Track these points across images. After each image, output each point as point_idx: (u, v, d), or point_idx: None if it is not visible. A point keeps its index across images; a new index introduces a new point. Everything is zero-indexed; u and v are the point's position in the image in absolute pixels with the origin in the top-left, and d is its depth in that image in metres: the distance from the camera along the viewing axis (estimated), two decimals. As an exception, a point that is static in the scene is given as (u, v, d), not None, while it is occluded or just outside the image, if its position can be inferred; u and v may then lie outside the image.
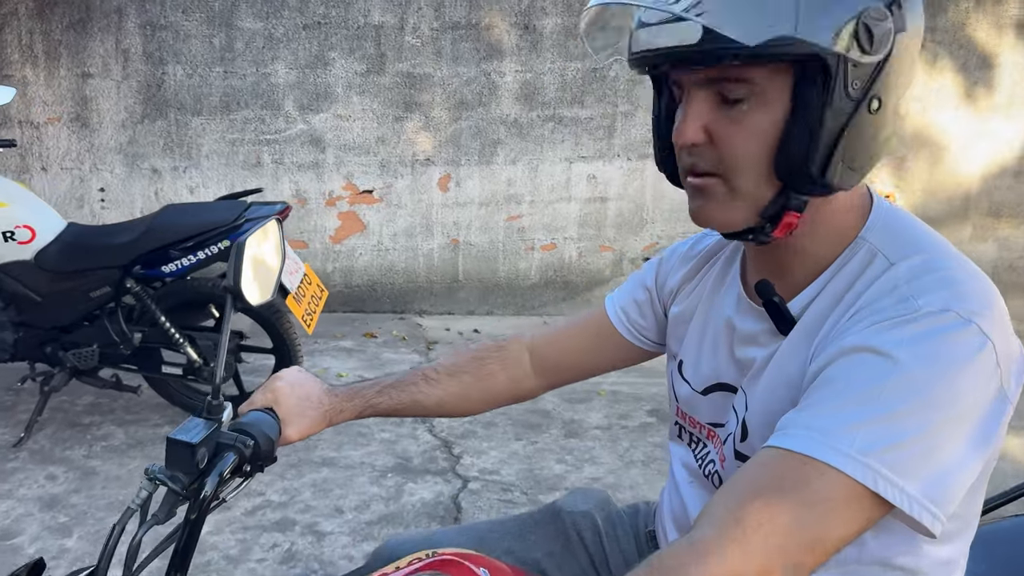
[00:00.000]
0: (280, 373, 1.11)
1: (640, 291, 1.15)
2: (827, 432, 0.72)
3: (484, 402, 1.19)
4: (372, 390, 1.14)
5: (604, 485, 2.96)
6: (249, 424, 1.01)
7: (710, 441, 1.01)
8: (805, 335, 0.85)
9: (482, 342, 1.24)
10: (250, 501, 2.82)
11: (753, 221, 0.83)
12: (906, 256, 0.81)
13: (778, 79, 0.77)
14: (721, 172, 0.81)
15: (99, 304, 3.18)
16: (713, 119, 0.80)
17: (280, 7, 4.54)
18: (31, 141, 4.57)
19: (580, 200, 5.01)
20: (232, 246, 0.99)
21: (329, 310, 4.77)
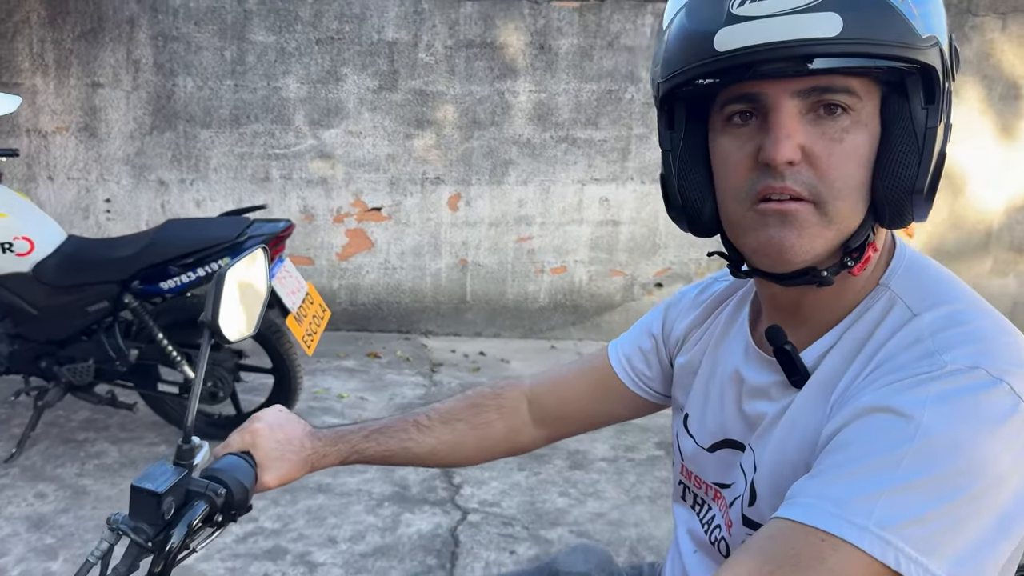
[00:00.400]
0: (260, 413, 1.04)
1: (645, 339, 1.07)
2: (842, 503, 0.64)
3: (480, 452, 1.11)
4: (359, 435, 1.06)
5: (608, 521, 2.86)
6: (222, 470, 0.94)
7: (715, 503, 0.92)
8: (821, 390, 0.77)
9: (479, 388, 1.16)
10: (242, 528, 2.73)
11: (834, 255, 0.75)
12: (931, 306, 0.74)
13: (874, 96, 0.72)
14: (815, 196, 0.72)
15: (96, 319, 3.11)
16: (810, 136, 0.71)
17: (293, 21, 4.50)
18: (38, 150, 4.54)
19: (592, 223, 4.93)
20: (213, 277, 0.92)
21: (333, 328, 4.70)
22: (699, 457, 0.95)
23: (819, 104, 0.71)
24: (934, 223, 5.05)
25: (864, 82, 0.70)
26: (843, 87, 0.70)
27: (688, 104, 0.80)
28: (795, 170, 0.71)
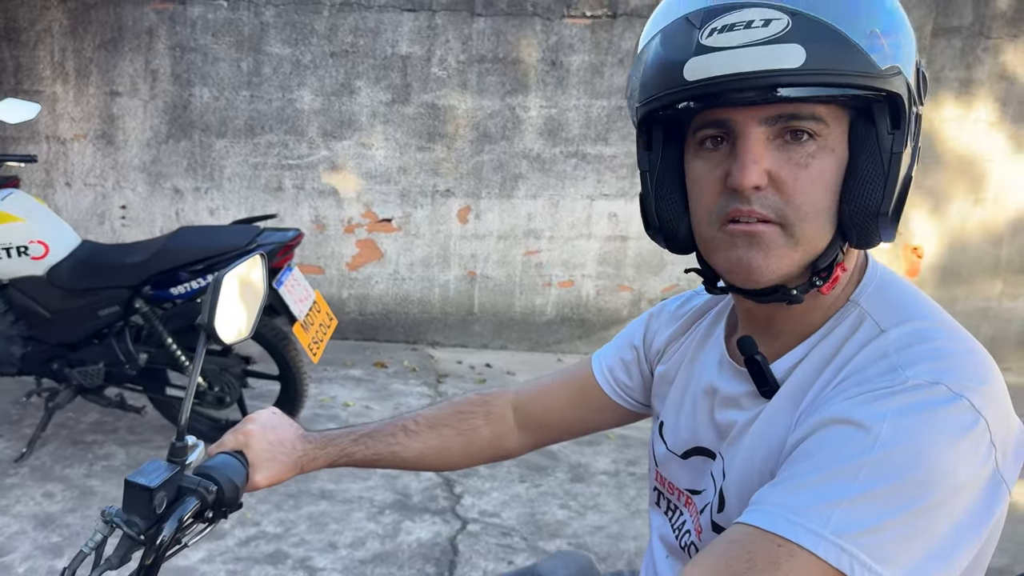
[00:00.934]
0: (254, 415, 1.06)
1: (627, 350, 1.10)
2: (800, 511, 0.66)
3: (465, 457, 1.14)
4: (348, 438, 1.09)
5: (607, 535, 2.87)
6: (214, 468, 0.96)
7: (687, 509, 0.95)
8: (788, 401, 0.80)
9: (466, 394, 1.19)
10: (244, 531, 2.76)
11: (803, 274, 0.78)
12: (898, 323, 0.76)
13: (841, 122, 0.74)
14: (781, 219, 0.75)
15: (107, 323, 3.17)
16: (776, 161, 0.74)
17: (309, 34, 4.57)
18: (57, 156, 4.63)
19: (600, 238, 4.96)
20: (211, 280, 0.95)
21: (341, 337, 4.75)
22: (672, 463, 0.97)
23: (786, 130, 0.73)
24: (942, 243, 5.05)
25: (831, 109, 0.73)
26: (809, 114, 0.72)
27: (665, 127, 0.83)
28: (762, 194, 0.74)
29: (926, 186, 4.95)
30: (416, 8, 4.59)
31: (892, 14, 0.74)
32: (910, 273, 5.07)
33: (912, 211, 4.99)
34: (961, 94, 4.85)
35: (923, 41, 4.73)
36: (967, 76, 4.81)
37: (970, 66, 4.81)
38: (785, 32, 0.69)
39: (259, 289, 1.07)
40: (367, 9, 4.57)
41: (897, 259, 5.05)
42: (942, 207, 5.01)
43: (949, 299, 5.03)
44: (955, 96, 4.84)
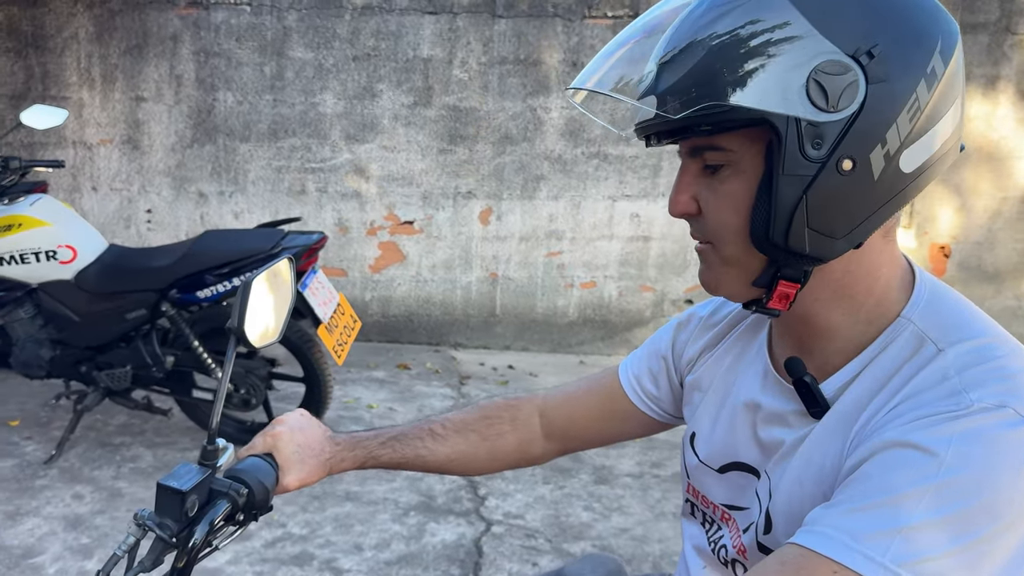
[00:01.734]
0: (283, 417, 1.06)
1: (655, 360, 1.08)
2: (859, 536, 0.65)
3: (492, 462, 1.14)
4: (375, 441, 1.09)
5: (632, 537, 2.86)
6: (244, 471, 0.97)
7: (725, 524, 0.93)
8: (841, 423, 0.77)
9: (493, 399, 1.18)
10: (271, 532, 2.78)
11: (749, 291, 0.80)
12: (956, 341, 0.74)
13: (754, 145, 0.73)
14: (710, 240, 0.80)
15: (135, 326, 3.20)
16: (699, 188, 0.79)
17: (331, 38, 4.60)
18: (83, 161, 4.68)
19: (622, 239, 4.94)
20: (239, 285, 0.96)
21: (364, 339, 4.77)
22: (706, 477, 0.95)
23: (704, 161, 0.78)
24: (970, 242, 4.98)
25: (736, 135, 0.73)
26: (709, 145, 0.75)
27: None
28: (696, 219, 0.81)
29: (952, 183, 4.89)
30: (437, 11, 4.60)
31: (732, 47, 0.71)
32: (936, 272, 5.01)
33: (939, 208, 4.93)
34: (988, 91, 4.78)
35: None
36: (994, 72, 4.75)
37: (997, 62, 4.74)
38: (649, 84, 0.76)
39: (287, 292, 1.07)
40: (388, 12, 4.59)
41: (924, 258, 4.99)
42: (969, 204, 4.94)
43: (978, 298, 4.93)
44: (982, 93, 4.78)
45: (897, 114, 0.70)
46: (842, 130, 0.69)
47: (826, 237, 0.72)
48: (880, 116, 0.69)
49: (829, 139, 0.69)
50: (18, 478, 3.10)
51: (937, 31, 0.72)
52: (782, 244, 0.73)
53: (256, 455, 1.01)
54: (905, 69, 0.70)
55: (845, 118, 0.69)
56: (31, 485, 3.04)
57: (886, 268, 0.79)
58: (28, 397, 3.84)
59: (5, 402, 3.81)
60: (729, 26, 0.71)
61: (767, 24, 0.70)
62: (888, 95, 0.69)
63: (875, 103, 0.69)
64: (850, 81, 0.68)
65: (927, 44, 0.71)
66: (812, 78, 0.68)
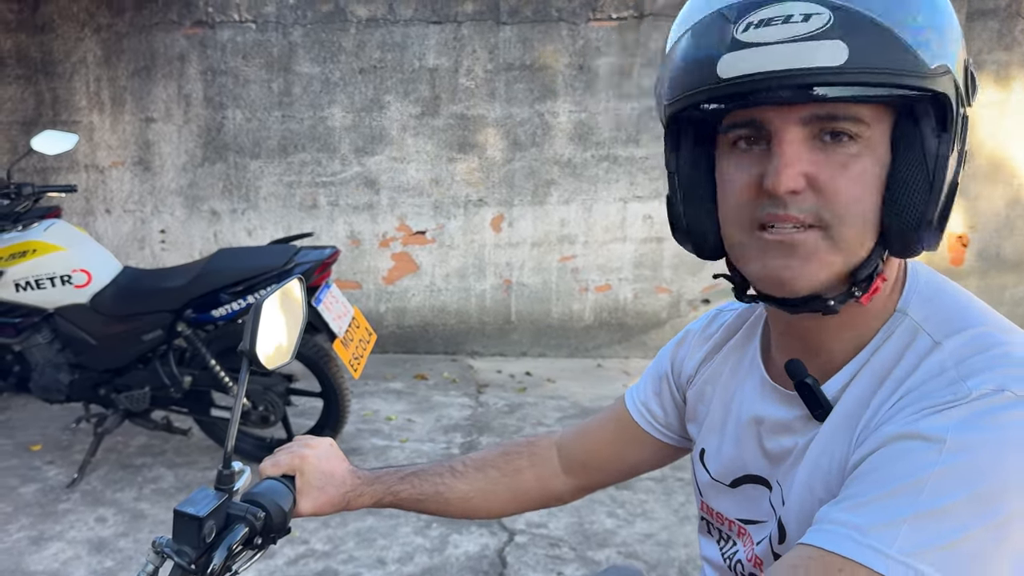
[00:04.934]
0: (310, 440, 1.05)
1: (657, 382, 1.05)
2: (866, 529, 0.63)
3: (512, 502, 1.11)
4: (394, 476, 1.08)
5: (657, 543, 2.83)
6: (261, 494, 0.96)
7: (739, 539, 0.91)
8: (844, 422, 0.76)
9: (514, 439, 1.19)
10: (293, 549, 2.77)
11: (840, 284, 0.73)
12: (952, 332, 0.73)
13: (883, 122, 0.70)
14: (821, 223, 0.71)
15: (151, 347, 3.21)
16: (814, 163, 0.70)
17: (337, 52, 4.61)
18: (96, 184, 4.71)
19: (635, 240, 4.92)
20: (250, 307, 0.95)
21: (381, 351, 4.77)
22: (719, 493, 0.93)
23: (824, 131, 0.70)
24: (987, 230, 4.92)
25: (873, 108, 0.69)
26: (848, 115, 0.69)
27: (694, 126, 0.78)
28: (799, 198, 0.70)
29: (968, 172, 4.83)
30: (442, 20, 4.60)
31: (940, 9, 0.70)
32: (954, 262, 4.95)
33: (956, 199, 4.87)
34: (1000, 77, 4.73)
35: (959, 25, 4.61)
36: (1006, 59, 4.69)
37: (1008, 48, 4.69)
38: (826, 28, 0.65)
39: (298, 312, 1.06)
40: (393, 24, 4.60)
41: (941, 248, 4.93)
42: (986, 193, 4.88)
43: (997, 287, 4.89)
44: (994, 79, 4.72)
45: None
46: (965, 124, 0.71)
47: None
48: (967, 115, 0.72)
49: (961, 130, 0.71)
50: (41, 503, 3.11)
51: None
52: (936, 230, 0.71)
53: (274, 478, 1.00)
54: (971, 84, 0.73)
55: (965, 115, 0.71)
56: (54, 509, 3.05)
57: (894, 263, 0.78)
58: (49, 421, 3.86)
59: (27, 427, 3.83)
60: None
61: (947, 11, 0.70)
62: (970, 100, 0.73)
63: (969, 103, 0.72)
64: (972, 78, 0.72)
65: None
66: (969, 69, 0.70)
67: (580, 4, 4.62)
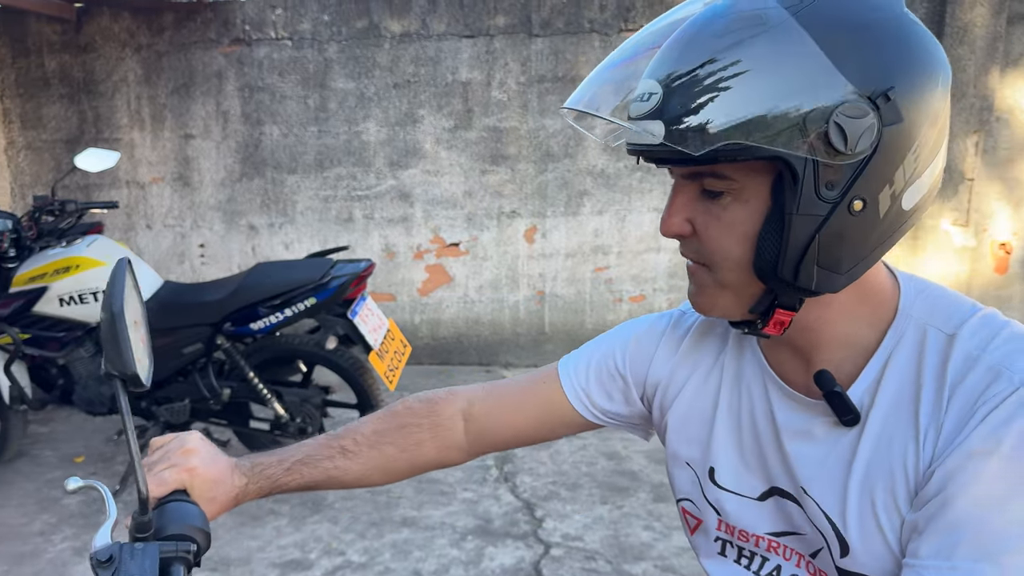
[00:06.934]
0: (190, 445, 0.96)
1: (605, 374, 1.02)
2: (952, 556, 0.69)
3: (408, 472, 1.09)
4: (280, 468, 1.02)
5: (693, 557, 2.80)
6: (182, 523, 0.87)
7: (774, 554, 0.89)
8: (894, 426, 0.77)
9: (408, 401, 1.10)
10: (330, 561, 2.79)
11: (744, 315, 0.80)
12: (960, 323, 0.77)
13: (759, 176, 0.72)
14: (705, 262, 0.79)
15: (191, 360, 3.26)
16: (696, 211, 0.78)
17: (371, 67, 4.66)
18: (137, 200, 4.81)
19: (670, 250, 4.89)
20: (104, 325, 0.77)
21: (415, 362, 4.79)
22: (747, 510, 0.90)
23: (702, 185, 0.76)
24: (1033, 238, 4.82)
25: (741, 165, 0.72)
26: (712, 173, 0.74)
27: None
28: (688, 240, 0.79)
29: (1009, 177, 4.74)
30: (474, 34, 4.63)
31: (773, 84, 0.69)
32: (998, 270, 4.85)
33: (997, 205, 4.78)
34: (1043, 81, 4.64)
35: (998, 28, 4.54)
36: (1048, 61, 4.61)
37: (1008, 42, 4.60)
38: (653, 108, 0.71)
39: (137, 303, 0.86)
40: (427, 39, 4.64)
41: (984, 256, 4.84)
42: (1030, 200, 4.78)
43: (1043, 296, 4.79)
44: (1037, 83, 4.64)
45: (905, 155, 0.71)
46: (855, 172, 0.70)
47: (832, 273, 0.74)
48: (891, 158, 0.70)
49: (843, 180, 0.70)
50: (84, 514, 3.17)
51: (939, 68, 0.72)
52: (790, 279, 0.73)
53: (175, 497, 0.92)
54: (916, 110, 0.70)
55: (859, 160, 0.69)
56: (97, 521, 3.11)
57: (877, 274, 0.81)
58: (91, 434, 3.93)
59: (70, 439, 3.91)
60: (749, 57, 0.68)
61: (788, 61, 0.68)
62: (899, 137, 0.70)
63: (888, 145, 0.69)
64: (868, 125, 0.68)
65: (933, 83, 0.71)
66: (833, 120, 0.67)
67: (612, 15, 4.62)
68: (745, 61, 0.68)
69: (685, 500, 0.97)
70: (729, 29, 0.69)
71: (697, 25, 0.72)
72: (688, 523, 0.98)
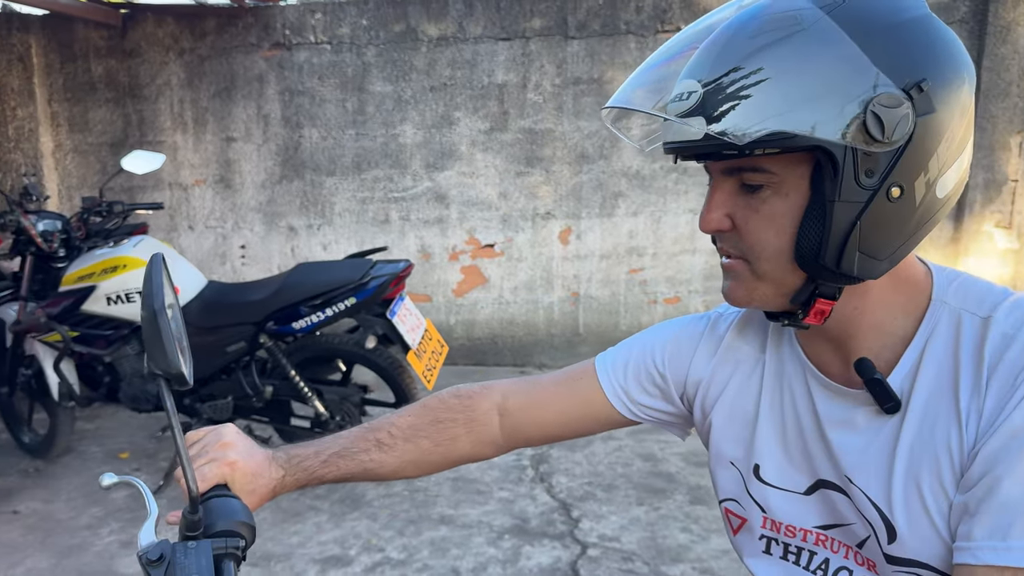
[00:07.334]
0: (227, 439, 0.98)
1: (643, 373, 1.03)
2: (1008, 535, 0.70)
3: (442, 466, 1.10)
4: (316, 460, 1.03)
5: (734, 559, 2.80)
6: (229, 519, 0.88)
7: (823, 547, 0.90)
8: (934, 411, 0.79)
9: (444, 395, 1.10)
10: (370, 557, 2.83)
11: (783, 305, 0.82)
12: (994, 306, 0.79)
13: (798, 168, 0.75)
14: (744, 256, 0.82)
15: (234, 358, 3.32)
16: (735, 206, 0.80)
17: (408, 71, 4.71)
18: (180, 202, 4.90)
19: (706, 252, 4.88)
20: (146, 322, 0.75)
21: (450, 363, 4.82)
22: (794, 505, 0.91)
23: (742, 180, 0.79)
24: (1078, 241, 4.73)
25: (780, 158, 0.75)
26: (752, 167, 0.76)
27: None
28: (727, 235, 0.82)
29: (1055, 180, 4.66)
30: (510, 37, 4.67)
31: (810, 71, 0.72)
32: (1042, 273, 4.77)
33: None
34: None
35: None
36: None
37: None
38: (694, 105, 0.74)
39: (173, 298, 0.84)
40: (463, 42, 4.68)
41: (1027, 259, 4.77)
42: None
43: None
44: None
45: (938, 144, 0.74)
46: (892, 160, 0.73)
47: (872, 259, 0.76)
48: (925, 146, 0.74)
49: (881, 168, 0.73)
50: (130, 508, 3.24)
51: (965, 65, 0.76)
52: (833, 266, 0.76)
53: (218, 493, 0.93)
54: (946, 102, 0.74)
55: (896, 149, 0.73)
56: (142, 515, 3.17)
57: (910, 264, 0.83)
58: (136, 430, 4.02)
59: (115, 435, 4.00)
60: (787, 54, 0.72)
61: (826, 56, 0.72)
62: (933, 126, 0.73)
63: (922, 134, 0.73)
64: (903, 114, 0.72)
65: (960, 78, 0.75)
66: (871, 110, 0.71)
67: (648, 16, 4.63)
68: (783, 57, 0.72)
69: (729, 500, 0.98)
70: (765, 29, 0.73)
71: (734, 27, 0.76)
72: (731, 523, 0.99)
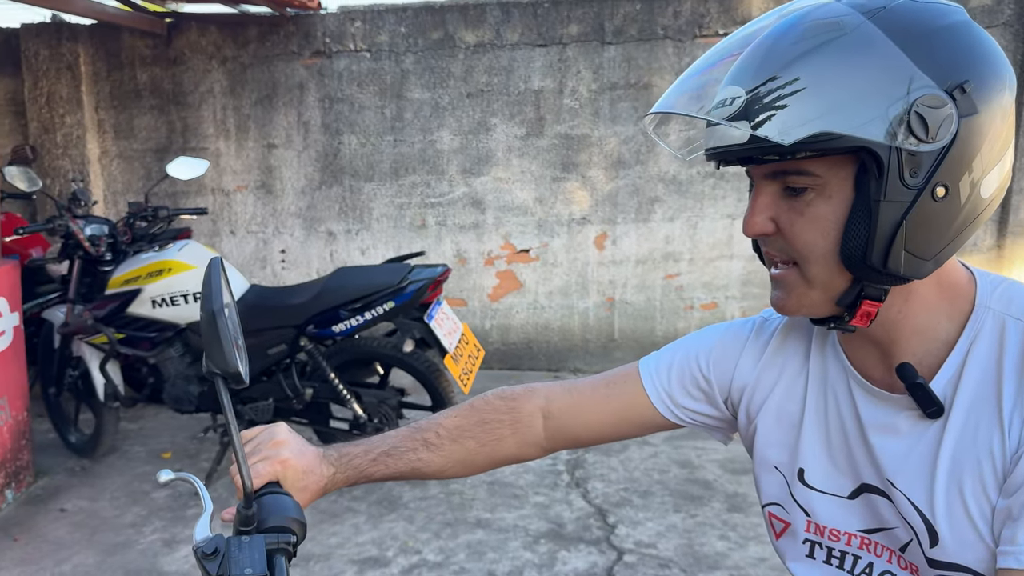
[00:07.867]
0: (279, 437, 1.00)
1: (687, 377, 1.04)
2: None
3: (486, 466, 1.12)
4: (366, 458, 1.05)
5: (772, 567, 2.78)
6: (281, 516, 0.90)
7: (866, 551, 0.90)
8: (976, 416, 0.79)
9: (488, 397, 1.12)
10: (407, 559, 2.86)
11: (831, 310, 0.83)
12: None
13: (841, 171, 0.76)
14: (793, 260, 0.82)
15: (275, 361, 3.37)
16: (778, 210, 0.81)
17: (446, 78, 4.75)
18: (222, 207, 4.99)
19: (743, 258, 4.85)
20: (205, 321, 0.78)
21: (485, 367, 4.84)
22: (838, 509, 0.92)
23: (785, 183, 0.80)
24: None
25: (825, 160, 0.76)
26: (796, 170, 0.77)
27: None
28: (772, 239, 0.83)
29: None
30: (547, 43, 4.69)
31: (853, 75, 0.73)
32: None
33: None
34: None
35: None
36: None
37: None
38: (738, 110, 0.75)
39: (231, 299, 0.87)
40: (500, 48, 4.71)
41: (1074, 266, 4.66)
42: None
43: None
44: None
45: (982, 145, 0.75)
46: (936, 159, 0.74)
47: (918, 259, 0.77)
48: (969, 147, 0.74)
49: (925, 168, 0.74)
50: (172, 507, 3.31)
51: (1005, 69, 0.77)
52: (879, 266, 0.76)
53: (271, 489, 0.96)
54: (989, 103, 0.74)
55: (940, 148, 0.73)
56: (184, 514, 3.24)
57: (954, 269, 0.84)
58: (178, 430, 4.10)
59: (158, 435, 4.08)
60: (830, 59, 0.73)
61: (869, 59, 0.73)
62: (976, 127, 0.74)
63: (966, 135, 0.73)
64: (947, 115, 0.72)
65: (1003, 81, 0.76)
66: (914, 110, 0.72)
67: (686, 21, 4.62)
68: (826, 62, 0.73)
69: (772, 504, 0.99)
70: (807, 35, 0.75)
71: (776, 34, 0.77)
72: (774, 528, 0.99)
